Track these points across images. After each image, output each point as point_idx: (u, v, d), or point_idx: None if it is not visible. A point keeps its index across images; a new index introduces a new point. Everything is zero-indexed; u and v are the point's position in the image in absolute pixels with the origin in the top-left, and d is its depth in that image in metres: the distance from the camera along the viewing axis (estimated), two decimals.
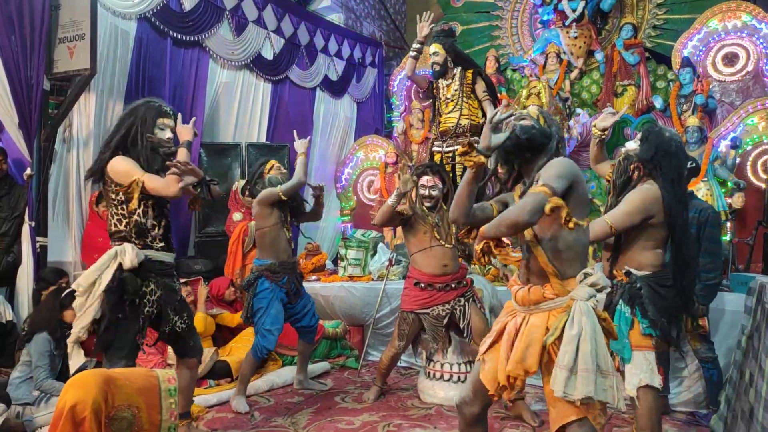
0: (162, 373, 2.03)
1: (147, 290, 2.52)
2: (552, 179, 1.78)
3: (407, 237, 3.51)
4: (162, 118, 2.62)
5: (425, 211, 3.46)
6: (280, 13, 6.40)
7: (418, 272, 3.45)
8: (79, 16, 4.03)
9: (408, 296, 3.49)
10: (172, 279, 2.70)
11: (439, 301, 3.39)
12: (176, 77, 5.22)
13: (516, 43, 7.76)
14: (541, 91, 5.50)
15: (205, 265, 4.97)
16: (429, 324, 3.43)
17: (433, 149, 4.23)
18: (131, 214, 2.52)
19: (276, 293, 3.48)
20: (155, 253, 2.57)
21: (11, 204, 3.94)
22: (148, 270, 2.53)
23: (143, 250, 2.53)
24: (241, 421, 3.33)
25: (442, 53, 4.13)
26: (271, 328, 3.43)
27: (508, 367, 1.85)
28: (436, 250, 3.41)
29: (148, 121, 2.58)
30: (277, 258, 3.51)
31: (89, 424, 1.77)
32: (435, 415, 3.43)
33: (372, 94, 8.07)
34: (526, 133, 1.96)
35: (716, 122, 5.77)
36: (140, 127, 2.56)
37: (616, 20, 7.06)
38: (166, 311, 2.59)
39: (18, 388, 3.16)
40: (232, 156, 5.70)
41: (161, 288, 2.58)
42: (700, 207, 3.25)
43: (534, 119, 2.04)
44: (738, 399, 2.87)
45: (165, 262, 2.63)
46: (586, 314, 1.76)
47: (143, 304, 2.51)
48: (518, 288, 1.97)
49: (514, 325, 1.92)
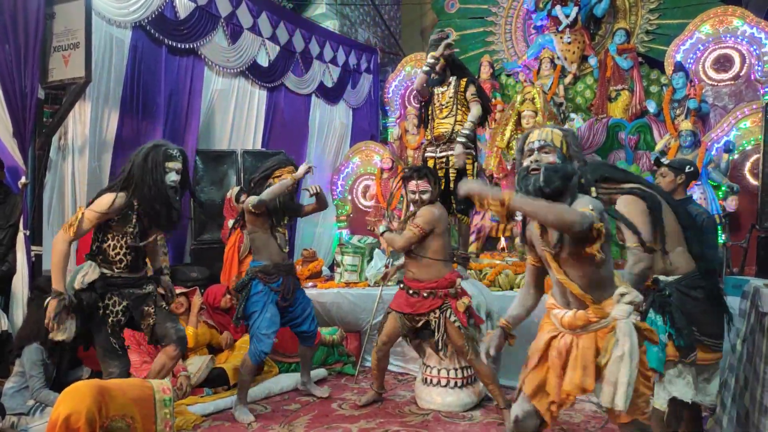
0: (157, 384, 2.03)
1: (110, 302, 2.80)
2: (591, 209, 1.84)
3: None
4: (169, 162, 2.83)
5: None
6: (275, 20, 6.42)
7: (405, 278, 3.46)
8: (74, 25, 4.03)
9: (398, 297, 3.50)
10: (141, 287, 2.91)
11: (423, 309, 3.36)
12: (171, 85, 5.23)
13: (510, 49, 7.81)
14: (536, 96, 5.53)
15: (201, 272, 4.96)
16: (405, 328, 3.44)
17: (426, 154, 4.23)
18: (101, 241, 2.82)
19: (270, 296, 3.47)
20: (119, 272, 2.82)
21: (6, 213, 3.92)
22: (110, 285, 2.79)
23: (105, 269, 2.79)
24: (239, 429, 3.31)
25: (442, 62, 4.16)
26: (267, 331, 3.42)
27: (567, 387, 1.96)
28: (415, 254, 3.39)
29: (158, 165, 2.80)
30: (270, 260, 3.51)
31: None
32: (432, 421, 3.42)
33: (367, 100, 8.10)
34: (549, 185, 1.95)
35: (709, 126, 5.82)
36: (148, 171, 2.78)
37: (610, 25, 7.12)
38: (138, 312, 2.86)
39: (12, 398, 3.15)
40: (227, 163, 5.70)
41: (127, 298, 2.84)
42: (695, 212, 3.25)
43: (557, 149, 2.02)
44: (733, 402, 2.87)
45: (130, 277, 2.85)
46: (629, 335, 1.86)
47: (107, 315, 2.78)
48: (563, 313, 2.03)
49: (565, 345, 2.01)
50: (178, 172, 2.85)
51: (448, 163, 4.23)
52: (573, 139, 2.06)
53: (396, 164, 6.47)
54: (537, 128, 2.11)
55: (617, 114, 6.52)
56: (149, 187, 2.75)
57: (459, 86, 4.14)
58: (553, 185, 1.95)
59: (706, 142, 5.38)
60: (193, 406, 3.49)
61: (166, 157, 2.82)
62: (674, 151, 5.49)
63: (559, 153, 2.01)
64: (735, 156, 5.33)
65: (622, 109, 6.52)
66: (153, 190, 2.76)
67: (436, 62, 4.24)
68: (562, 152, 2.01)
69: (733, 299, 3.55)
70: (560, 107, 6.50)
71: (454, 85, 4.13)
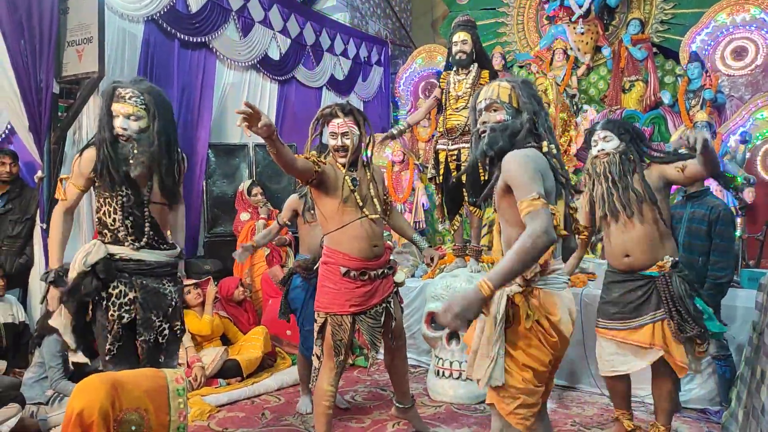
0: (170, 373, 2.04)
1: (113, 292, 2.24)
2: (532, 183, 1.70)
3: (319, 206, 2.66)
4: (115, 103, 2.23)
5: (340, 170, 2.63)
6: (286, 13, 6.42)
7: (344, 256, 2.63)
8: (87, 20, 4.06)
9: (336, 292, 2.63)
10: (160, 280, 2.35)
11: (379, 296, 2.70)
12: (184, 79, 5.25)
13: (522, 40, 7.73)
14: (548, 87, 5.48)
15: (214, 265, 5.00)
16: (366, 326, 2.68)
17: (437, 147, 4.17)
18: (97, 210, 2.33)
19: (309, 291, 3.32)
20: (128, 251, 2.28)
21: (23, 206, 3.98)
22: (116, 269, 2.25)
23: (114, 246, 2.28)
24: (252, 420, 3.35)
25: (471, 43, 3.96)
26: (311, 328, 3.12)
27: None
28: (361, 224, 2.62)
29: (104, 108, 2.25)
30: (311, 254, 3.41)
31: (97, 429, 1.78)
32: (444, 413, 3.43)
33: (378, 93, 8.08)
34: (492, 146, 1.86)
35: (725, 117, 5.72)
36: (99, 118, 2.28)
37: (623, 15, 7.02)
38: (146, 316, 2.27)
39: (32, 388, 3.21)
40: (239, 156, 5.72)
41: (137, 290, 2.27)
42: (711, 204, 3.22)
43: (505, 104, 1.89)
44: (749, 396, 2.85)
45: (144, 261, 2.31)
46: (497, 304, 1.79)
47: (108, 307, 2.23)
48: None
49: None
50: (130, 117, 2.22)
51: (461, 157, 4.19)
52: (524, 89, 1.91)
53: (407, 157, 6.44)
54: (486, 85, 1.99)
55: (631, 105, 6.44)
56: (99, 140, 2.24)
57: (480, 78, 3.96)
58: (496, 147, 1.85)
59: (722, 134, 5.30)
60: (207, 397, 3.54)
61: (111, 97, 2.23)
62: None
63: (508, 108, 1.89)
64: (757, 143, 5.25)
65: (637, 100, 6.44)
66: (100, 144, 2.23)
67: (402, 133, 4.16)
68: (512, 106, 1.90)
69: (749, 292, 3.52)
70: (573, 99, 6.43)
71: (474, 75, 3.94)
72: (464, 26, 3.98)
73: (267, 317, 4.59)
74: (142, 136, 2.25)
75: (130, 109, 2.22)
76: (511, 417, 1.78)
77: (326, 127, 2.66)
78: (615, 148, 2.72)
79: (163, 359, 2.35)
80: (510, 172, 1.75)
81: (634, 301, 2.69)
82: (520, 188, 1.71)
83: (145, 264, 2.31)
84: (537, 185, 1.70)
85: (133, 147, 2.24)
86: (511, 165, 1.76)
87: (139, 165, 2.23)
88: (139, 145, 2.24)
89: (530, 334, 1.77)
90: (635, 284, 2.71)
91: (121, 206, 2.26)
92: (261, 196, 5.15)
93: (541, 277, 1.81)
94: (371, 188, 2.69)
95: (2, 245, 3.91)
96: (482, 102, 1.94)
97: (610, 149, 2.73)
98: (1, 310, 3.51)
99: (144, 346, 2.28)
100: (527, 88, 1.92)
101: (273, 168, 5.79)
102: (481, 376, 1.77)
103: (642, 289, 2.68)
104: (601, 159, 2.76)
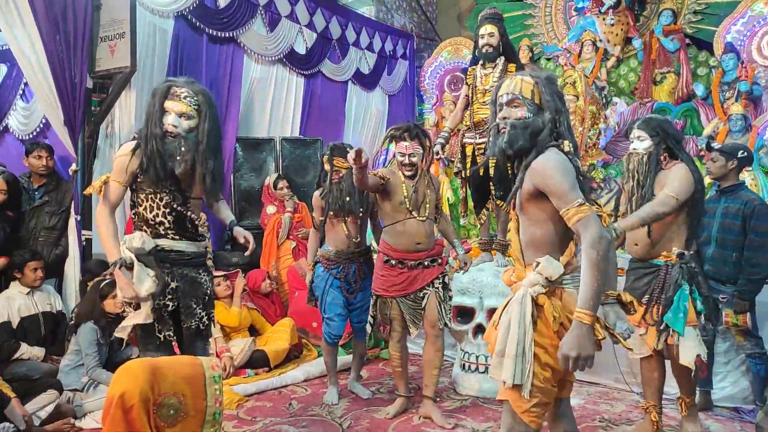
0: (206, 361, 2.09)
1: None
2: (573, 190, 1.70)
3: (380, 205, 3.20)
4: (169, 101, 2.29)
5: (403, 180, 3.13)
6: (312, 7, 6.44)
7: (388, 247, 3.17)
8: (119, 15, 4.14)
9: (381, 278, 3.20)
10: (197, 270, 2.45)
11: (419, 283, 3.14)
12: (212, 73, 5.32)
13: (550, 32, 7.62)
14: (577, 80, 5.40)
15: (242, 257, 5.06)
16: (407, 307, 3.17)
17: (464, 141, 4.14)
18: (138, 205, 2.39)
19: (330, 281, 3.46)
20: (169, 242, 2.37)
21: (59, 199, 4.09)
22: (161, 260, 2.32)
23: (157, 239, 2.35)
24: (280, 409, 3.40)
25: (497, 36, 3.92)
26: (329, 314, 3.46)
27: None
28: (408, 223, 3.11)
29: (155, 105, 2.30)
30: (334, 246, 3.48)
31: (137, 411, 1.85)
32: (471, 407, 3.43)
33: (403, 87, 8.05)
34: (512, 146, 1.82)
35: (762, 110, 5.56)
36: (148, 114, 2.31)
37: (655, 6, 6.86)
38: (187, 303, 2.39)
39: (68, 375, 3.31)
40: (266, 150, 5.78)
41: (178, 279, 2.38)
42: (746, 198, 3.15)
43: (528, 101, 1.83)
44: None
45: (185, 251, 2.41)
46: (519, 303, 1.78)
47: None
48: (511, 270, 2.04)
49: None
50: (182, 116, 2.29)
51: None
52: (547, 86, 1.84)
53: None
54: (509, 78, 1.91)
55: (663, 98, 6.30)
56: (147, 135, 2.29)
57: (507, 72, 3.91)
58: (516, 146, 1.81)
59: (757, 127, 5.16)
60: (236, 386, 3.60)
61: (165, 95, 2.29)
62: (723, 135, 5.28)
63: (530, 105, 1.82)
64: None
65: (668, 92, 6.30)
66: (149, 139, 2.28)
67: (447, 141, 4.17)
68: (534, 103, 1.83)
69: None
70: (602, 91, 6.32)
71: (501, 68, 3.90)
72: (491, 19, 3.93)
73: (293, 309, 4.64)
74: (190, 135, 2.33)
75: (184, 108, 2.29)
76: (525, 415, 1.78)
77: (392, 144, 3.17)
78: (646, 149, 2.77)
79: (202, 346, 2.46)
80: (546, 179, 1.74)
81: (640, 288, 2.79)
82: (561, 196, 1.71)
83: (185, 254, 2.42)
84: (577, 191, 1.72)
85: (180, 144, 2.30)
86: (547, 172, 1.74)
87: (184, 162, 2.30)
88: (186, 143, 2.31)
89: (553, 333, 1.77)
90: (642, 272, 2.81)
91: (164, 202, 2.35)
92: (287, 190, 5.20)
93: (564, 277, 1.80)
94: (426, 195, 3.15)
95: (39, 236, 4.03)
96: (504, 96, 1.87)
97: (642, 149, 2.79)
98: (40, 300, 3.62)
99: (187, 333, 2.39)
100: (551, 85, 1.86)
101: (299, 162, 5.85)
102: (507, 377, 1.76)
103: (647, 277, 2.78)
104: (632, 157, 2.83)
